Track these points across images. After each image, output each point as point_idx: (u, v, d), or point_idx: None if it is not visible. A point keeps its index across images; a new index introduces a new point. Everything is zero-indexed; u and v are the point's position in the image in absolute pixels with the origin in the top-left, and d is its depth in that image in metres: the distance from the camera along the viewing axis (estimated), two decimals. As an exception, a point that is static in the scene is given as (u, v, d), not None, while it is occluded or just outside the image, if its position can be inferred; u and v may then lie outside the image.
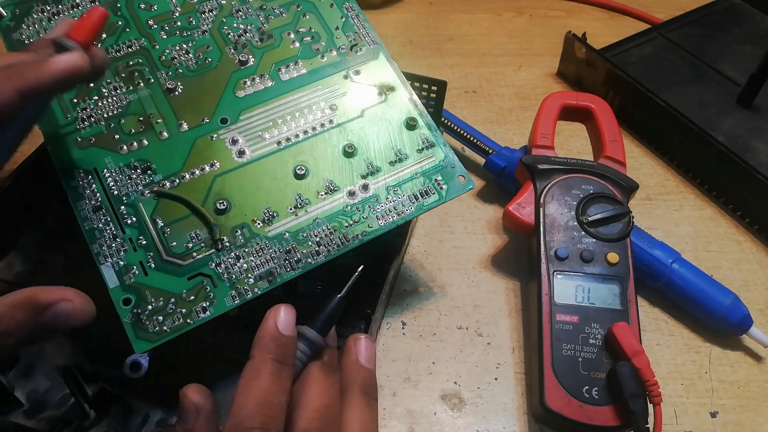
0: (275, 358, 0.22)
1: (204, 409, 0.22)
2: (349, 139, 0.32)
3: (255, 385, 0.22)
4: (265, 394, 0.22)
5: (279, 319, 0.23)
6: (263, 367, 0.22)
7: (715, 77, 0.52)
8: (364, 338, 0.26)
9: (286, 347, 0.23)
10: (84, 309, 0.23)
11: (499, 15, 0.65)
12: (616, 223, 0.37)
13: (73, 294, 0.23)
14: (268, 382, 0.22)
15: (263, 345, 0.23)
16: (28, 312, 0.22)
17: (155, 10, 0.34)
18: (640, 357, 0.31)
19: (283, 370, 0.23)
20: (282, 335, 0.23)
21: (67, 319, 0.23)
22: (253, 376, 0.22)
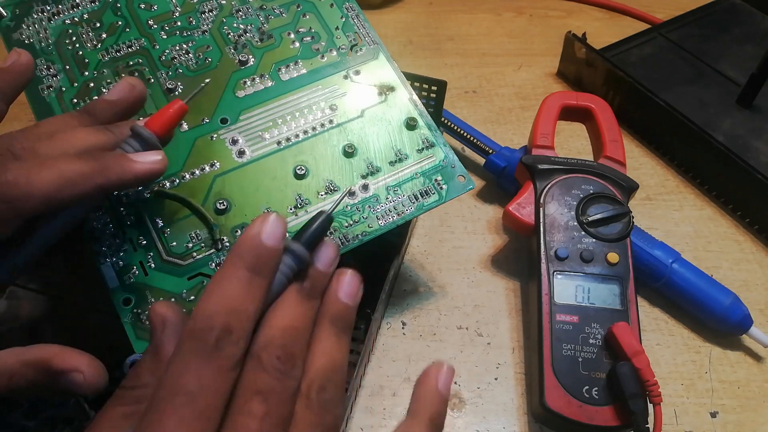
0: (248, 267, 0.20)
1: (170, 321, 0.21)
2: (349, 139, 0.32)
3: (220, 290, 0.20)
4: (230, 299, 0.19)
5: (265, 227, 0.21)
6: (232, 273, 0.20)
7: (715, 77, 0.52)
8: (350, 273, 0.23)
9: (264, 258, 0.21)
10: (93, 382, 0.23)
11: (499, 15, 0.65)
12: (616, 223, 0.37)
13: (87, 365, 0.23)
14: (236, 288, 0.20)
15: (237, 251, 0.20)
16: (40, 374, 0.23)
17: (155, 10, 0.34)
18: (640, 357, 0.31)
19: (256, 280, 0.20)
20: (263, 245, 0.20)
21: (78, 389, 0.23)
22: (220, 281, 0.20)
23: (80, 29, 0.33)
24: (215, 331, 0.19)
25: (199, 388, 0.18)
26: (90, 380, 0.23)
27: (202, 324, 0.19)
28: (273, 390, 0.19)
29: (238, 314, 0.19)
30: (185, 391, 0.18)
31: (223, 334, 0.19)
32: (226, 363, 0.19)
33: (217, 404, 0.18)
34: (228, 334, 0.19)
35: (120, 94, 0.27)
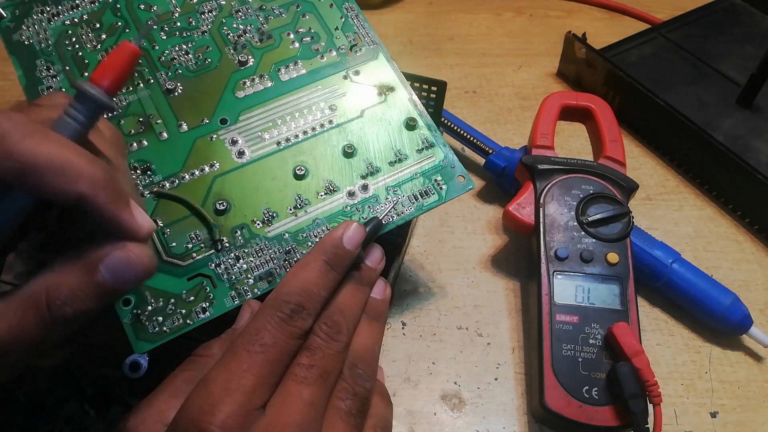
0: (327, 261, 0.25)
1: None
2: (348, 139, 0.32)
3: (302, 274, 0.25)
4: (308, 284, 0.24)
5: (347, 232, 0.26)
6: (314, 264, 0.25)
7: (715, 77, 0.52)
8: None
9: (341, 257, 0.26)
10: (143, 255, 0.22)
11: (499, 15, 0.65)
12: (616, 223, 0.37)
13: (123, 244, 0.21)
14: (314, 275, 0.25)
15: (321, 247, 0.26)
16: (78, 274, 0.21)
17: (155, 11, 0.34)
18: (640, 357, 0.31)
19: (330, 273, 0.25)
20: (342, 246, 0.26)
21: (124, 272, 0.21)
22: (303, 267, 0.25)
23: (80, 30, 0.33)
24: (291, 305, 0.23)
25: (272, 343, 0.23)
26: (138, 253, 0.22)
27: (283, 297, 0.24)
28: (319, 347, 0.24)
29: (312, 296, 0.24)
30: (261, 342, 0.22)
31: (297, 308, 0.24)
32: (295, 331, 0.23)
33: (283, 359, 0.23)
34: (301, 310, 0.24)
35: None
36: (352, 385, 0.24)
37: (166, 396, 0.23)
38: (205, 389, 0.22)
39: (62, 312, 0.20)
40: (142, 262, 0.22)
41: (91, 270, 0.21)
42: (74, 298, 0.21)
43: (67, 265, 0.21)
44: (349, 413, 0.24)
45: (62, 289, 0.21)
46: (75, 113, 0.21)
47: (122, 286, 0.22)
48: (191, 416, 0.21)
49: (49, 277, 0.21)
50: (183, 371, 0.24)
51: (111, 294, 0.21)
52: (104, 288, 0.21)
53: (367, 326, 0.27)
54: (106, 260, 0.21)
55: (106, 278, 0.21)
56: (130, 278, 0.22)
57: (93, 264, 0.21)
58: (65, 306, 0.20)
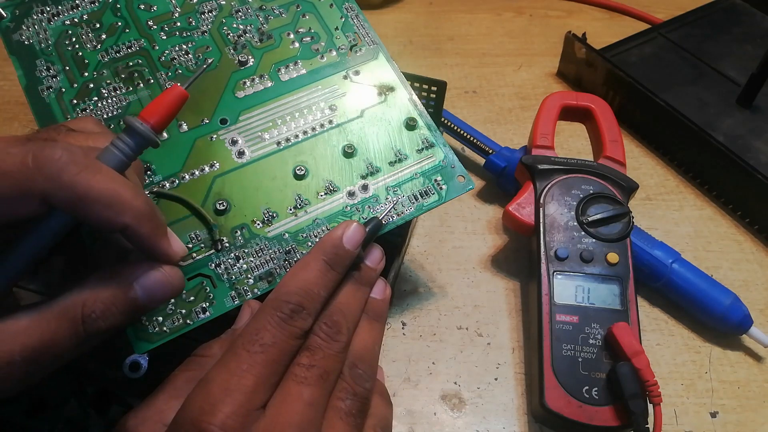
0: (327, 261, 0.25)
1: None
2: (348, 139, 0.32)
3: (302, 274, 0.25)
4: (308, 283, 0.24)
5: (347, 232, 0.26)
6: (313, 264, 0.25)
7: (715, 77, 0.52)
8: (382, 279, 0.28)
9: (341, 257, 0.26)
10: (168, 277, 0.23)
11: (499, 15, 0.65)
12: (616, 223, 0.37)
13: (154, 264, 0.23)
14: (314, 275, 0.25)
15: (321, 246, 0.26)
16: (113, 290, 0.22)
17: (155, 11, 0.34)
18: (640, 357, 0.31)
19: (330, 273, 0.25)
20: (342, 246, 0.26)
21: (156, 292, 0.23)
22: (303, 267, 0.25)
23: (80, 30, 0.33)
24: (291, 305, 0.23)
25: (272, 343, 0.23)
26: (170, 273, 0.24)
27: (283, 297, 0.24)
28: (319, 347, 0.24)
29: (312, 296, 0.24)
30: (261, 342, 0.22)
31: (297, 308, 0.24)
32: (295, 331, 0.23)
33: (283, 359, 0.23)
34: (301, 310, 0.24)
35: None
36: (352, 385, 0.24)
37: (166, 396, 0.23)
38: (205, 389, 0.22)
39: (96, 326, 0.22)
40: (173, 282, 0.24)
41: (125, 287, 0.23)
42: (107, 313, 0.22)
43: (103, 281, 0.23)
44: (349, 413, 0.24)
45: (97, 303, 0.22)
46: (123, 146, 0.23)
47: (153, 304, 0.24)
48: (191, 416, 0.21)
49: (85, 291, 0.22)
50: (183, 371, 0.24)
51: (141, 310, 0.23)
52: (136, 304, 0.23)
53: (367, 326, 0.27)
54: (141, 279, 0.23)
55: (139, 295, 0.23)
56: (162, 297, 0.24)
57: (128, 281, 0.23)
58: (99, 320, 0.22)
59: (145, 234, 0.22)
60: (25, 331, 0.21)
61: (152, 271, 0.23)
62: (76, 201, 0.21)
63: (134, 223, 0.22)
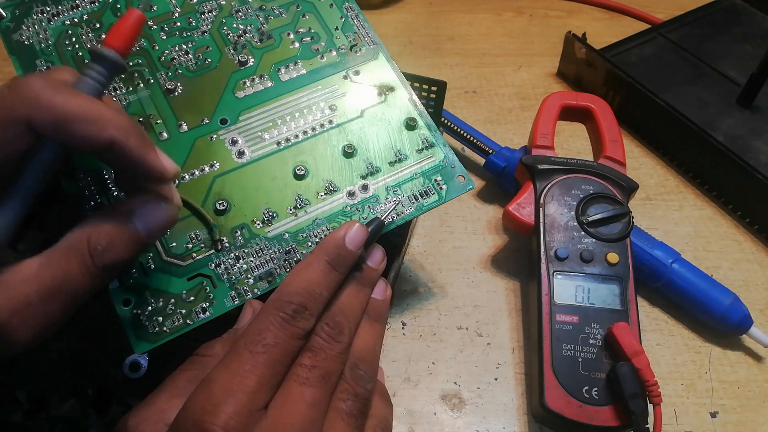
0: (329, 261, 0.25)
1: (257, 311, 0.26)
2: (348, 139, 0.32)
3: (304, 275, 0.25)
4: (310, 284, 0.24)
5: (349, 232, 0.26)
6: (316, 264, 0.25)
7: (715, 77, 0.52)
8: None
9: (343, 258, 0.26)
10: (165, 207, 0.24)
11: (499, 15, 0.65)
12: (616, 223, 0.37)
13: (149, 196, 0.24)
14: (316, 275, 0.25)
15: (324, 247, 0.26)
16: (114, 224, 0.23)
17: (155, 11, 0.34)
18: (640, 357, 0.31)
19: (333, 273, 0.25)
20: (344, 246, 0.26)
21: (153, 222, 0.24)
22: (305, 267, 0.25)
23: (80, 30, 0.33)
24: (294, 305, 0.23)
25: (274, 343, 0.23)
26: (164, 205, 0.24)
27: (286, 298, 0.24)
28: (321, 348, 0.24)
29: (314, 296, 0.24)
30: (263, 343, 0.22)
31: (299, 309, 0.24)
32: (297, 331, 0.23)
33: (285, 360, 0.23)
34: (303, 310, 0.24)
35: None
36: (353, 386, 0.24)
37: (167, 395, 0.23)
38: (207, 389, 0.22)
39: (103, 259, 0.22)
40: (168, 211, 0.24)
41: (125, 220, 0.23)
42: (112, 245, 0.23)
43: (103, 216, 0.23)
44: (350, 414, 0.24)
45: (101, 236, 0.23)
46: (94, 74, 0.23)
47: (152, 234, 0.24)
48: (193, 416, 0.21)
49: (87, 227, 0.23)
50: (184, 371, 0.24)
51: (143, 242, 0.24)
52: (138, 236, 0.24)
53: (368, 327, 0.27)
54: (138, 211, 0.24)
55: (138, 228, 0.23)
56: (159, 226, 0.24)
57: (126, 214, 0.23)
58: (105, 252, 0.23)
59: (134, 147, 0.22)
60: (37, 274, 0.22)
61: (148, 203, 0.24)
62: (59, 121, 0.21)
63: (121, 137, 0.22)
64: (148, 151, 0.23)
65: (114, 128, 0.22)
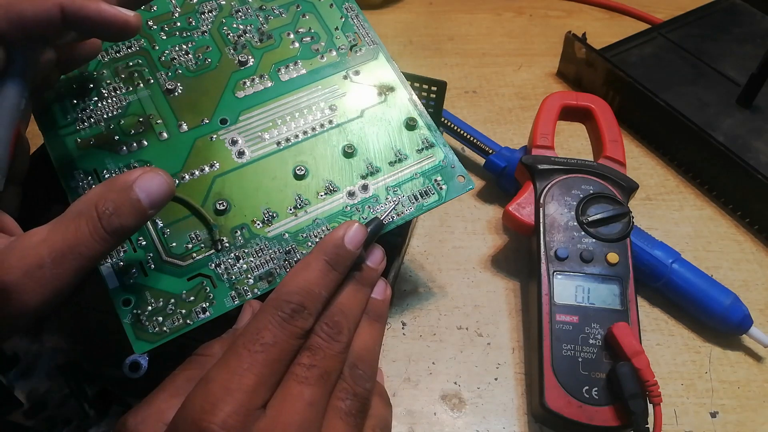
0: (328, 261, 0.25)
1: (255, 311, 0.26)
2: (348, 139, 0.32)
3: (303, 274, 0.25)
4: (309, 283, 0.24)
5: (348, 232, 0.26)
6: (315, 263, 0.25)
7: (715, 77, 0.52)
8: (382, 279, 0.28)
9: (342, 257, 0.26)
10: (163, 179, 0.25)
11: (499, 15, 0.65)
12: (616, 223, 0.37)
13: (147, 168, 0.25)
14: (315, 275, 0.25)
15: (323, 247, 0.26)
16: (118, 192, 0.24)
17: (155, 11, 0.34)
18: (640, 357, 0.31)
19: (332, 273, 0.25)
20: (343, 246, 0.26)
21: (153, 192, 0.25)
22: (304, 267, 0.25)
23: (80, 30, 0.33)
24: (292, 305, 0.23)
25: (273, 342, 0.23)
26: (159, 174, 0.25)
27: (285, 297, 0.24)
28: (320, 347, 0.24)
29: (313, 296, 0.24)
30: (262, 342, 0.22)
31: (298, 308, 0.23)
32: (296, 331, 0.23)
33: (283, 359, 0.23)
34: (302, 309, 0.24)
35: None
36: (352, 386, 0.24)
37: (166, 395, 0.23)
38: (205, 388, 0.22)
39: (112, 223, 0.23)
40: (165, 180, 0.25)
41: (127, 189, 0.24)
42: (119, 211, 0.24)
43: (108, 185, 0.24)
44: (349, 413, 0.24)
45: (108, 202, 0.24)
46: None
47: (153, 203, 0.25)
48: (192, 415, 0.21)
49: (94, 195, 0.24)
50: (183, 370, 0.24)
51: (145, 212, 0.25)
52: (140, 205, 0.24)
53: (368, 327, 0.27)
54: (138, 180, 0.24)
55: (139, 196, 0.24)
56: (159, 195, 0.25)
57: (128, 184, 0.24)
58: (113, 217, 0.23)
59: (80, 4, 0.24)
60: (48, 236, 0.23)
61: (146, 173, 0.25)
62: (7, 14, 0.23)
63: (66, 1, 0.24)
64: (99, 2, 0.25)
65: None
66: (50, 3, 0.23)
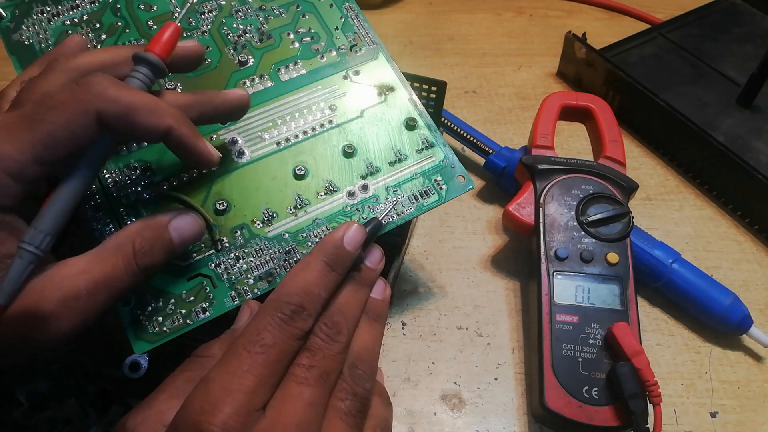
0: (327, 262, 0.25)
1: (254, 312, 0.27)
2: (348, 139, 0.32)
3: (302, 275, 0.25)
4: (308, 284, 0.24)
5: (348, 233, 0.26)
6: (314, 264, 0.25)
7: (715, 77, 0.52)
8: (381, 279, 0.28)
9: (342, 258, 0.26)
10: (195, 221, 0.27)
11: (499, 15, 0.65)
12: (616, 223, 0.37)
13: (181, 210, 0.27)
14: (315, 275, 0.25)
15: (322, 247, 0.26)
16: (153, 230, 0.25)
17: (155, 11, 0.34)
18: (640, 357, 0.31)
19: (331, 273, 0.25)
20: (342, 247, 0.26)
21: (185, 232, 0.27)
22: (303, 268, 0.25)
23: (80, 30, 0.33)
24: (292, 306, 0.24)
25: (272, 343, 0.23)
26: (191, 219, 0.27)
27: (284, 298, 0.24)
28: (319, 348, 0.24)
29: (312, 297, 0.24)
30: (262, 343, 0.23)
31: (298, 309, 0.24)
32: (295, 332, 0.23)
33: (283, 360, 0.23)
34: (301, 310, 0.24)
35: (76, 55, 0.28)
36: (352, 386, 0.24)
37: (165, 396, 0.23)
38: (205, 389, 0.22)
39: (145, 260, 0.25)
40: (196, 222, 0.27)
41: (162, 229, 0.26)
42: (153, 249, 0.25)
43: (144, 223, 0.26)
44: (349, 413, 0.24)
45: (144, 240, 0.25)
46: (140, 75, 0.26)
47: (183, 243, 0.27)
48: (191, 416, 0.21)
49: (132, 231, 0.25)
50: (183, 371, 0.24)
51: (174, 250, 0.26)
52: (171, 245, 0.26)
53: (367, 327, 0.27)
54: (173, 222, 0.26)
55: (173, 236, 0.26)
56: (190, 236, 0.27)
57: (164, 224, 0.26)
58: (147, 255, 0.25)
59: (186, 134, 0.25)
60: (87, 268, 0.24)
61: (182, 216, 0.27)
62: (125, 111, 0.23)
63: (176, 125, 0.25)
64: (198, 138, 0.26)
65: (170, 117, 0.25)
66: (163, 123, 0.24)
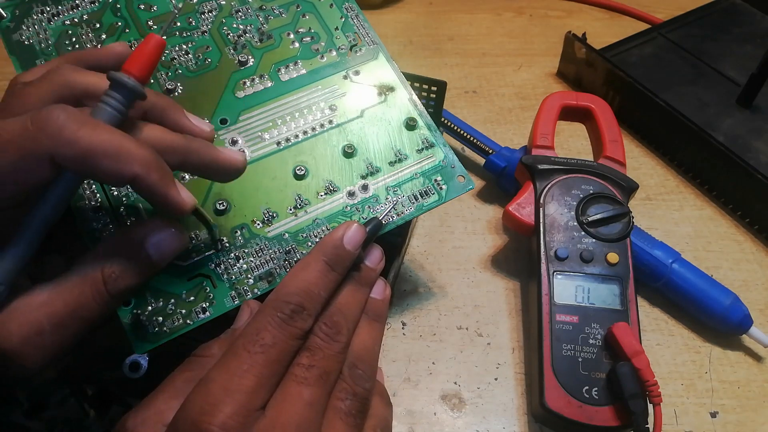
0: (327, 261, 0.25)
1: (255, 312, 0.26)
2: (348, 139, 0.32)
3: (302, 275, 0.25)
4: (308, 284, 0.24)
5: (347, 233, 0.26)
6: (314, 264, 0.25)
7: (715, 77, 0.52)
8: (381, 279, 0.28)
9: (341, 258, 0.26)
10: (176, 235, 0.25)
11: (499, 15, 0.65)
12: (616, 223, 0.37)
13: (160, 222, 0.25)
14: (314, 275, 0.25)
15: (322, 247, 0.26)
16: (127, 251, 0.24)
17: (155, 11, 0.34)
18: (640, 357, 0.31)
19: (330, 273, 0.25)
20: (342, 247, 0.26)
21: (165, 248, 0.25)
22: (303, 268, 0.25)
23: (80, 30, 0.33)
24: (292, 305, 0.23)
25: (272, 343, 0.22)
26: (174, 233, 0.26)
27: (284, 298, 0.24)
28: (319, 348, 0.24)
29: (312, 296, 0.24)
30: (261, 343, 0.22)
31: (298, 309, 0.23)
32: (295, 331, 0.23)
33: (283, 360, 0.23)
34: (301, 310, 0.24)
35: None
36: (351, 386, 0.24)
37: (165, 396, 0.23)
38: (205, 389, 0.22)
39: (116, 286, 0.24)
40: (177, 235, 0.25)
41: (138, 247, 0.24)
42: (126, 273, 0.24)
43: (117, 244, 0.24)
44: (349, 413, 0.24)
45: (115, 265, 0.24)
46: (113, 102, 0.23)
47: (165, 259, 0.25)
48: (191, 416, 0.21)
49: (101, 255, 0.24)
50: (183, 371, 0.24)
51: (155, 268, 0.25)
52: (149, 262, 0.25)
53: (367, 326, 0.27)
54: (151, 237, 0.25)
55: (151, 254, 0.25)
56: (171, 252, 0.25)
57: (139, 242, 0.25)
58: (119, 280, 0.24)
59: (154, 182, 0.23)
60: (49, 301, 0.23)
61: (161, 230, 0.25)
62: (82, 156, 0.21)
63: (143, 173, 0.22)
64: (169, 185, 0.23)
65: (137, 164, 0.22)
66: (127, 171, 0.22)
